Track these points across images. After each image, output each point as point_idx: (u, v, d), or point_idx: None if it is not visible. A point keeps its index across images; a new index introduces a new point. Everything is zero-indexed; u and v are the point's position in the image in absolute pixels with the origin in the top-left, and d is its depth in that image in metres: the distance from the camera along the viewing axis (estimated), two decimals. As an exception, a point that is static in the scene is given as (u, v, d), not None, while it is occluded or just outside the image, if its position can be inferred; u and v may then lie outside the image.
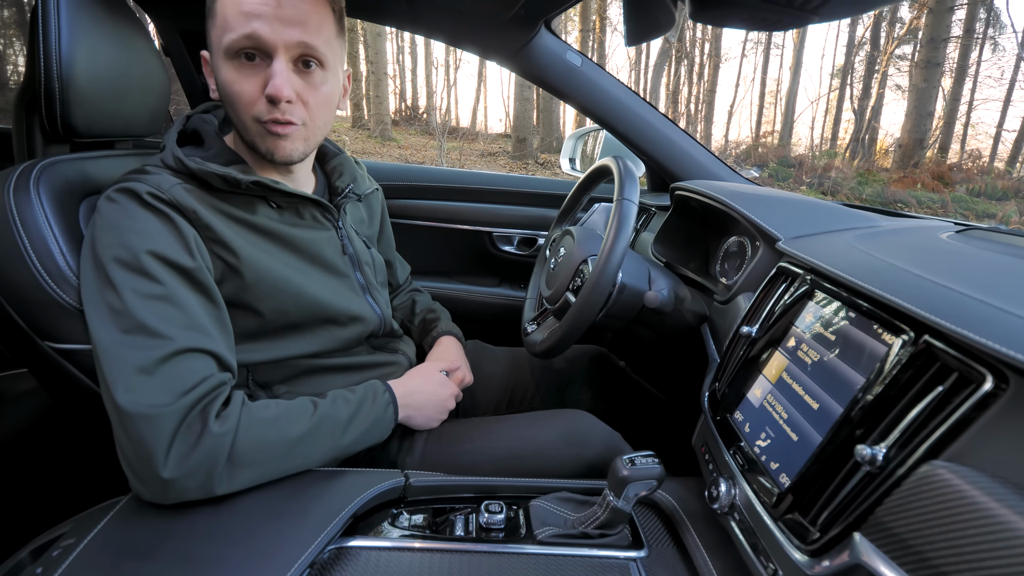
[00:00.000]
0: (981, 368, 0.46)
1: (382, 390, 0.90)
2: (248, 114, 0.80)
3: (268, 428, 0.75)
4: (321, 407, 0.81)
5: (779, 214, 0.98)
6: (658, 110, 1.55)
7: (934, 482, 0.44)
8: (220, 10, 0.76)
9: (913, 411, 0.50)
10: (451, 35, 1.48)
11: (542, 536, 0.74)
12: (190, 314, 0.73)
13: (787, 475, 0.62)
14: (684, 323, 1.09)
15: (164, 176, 0.79)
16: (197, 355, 0.72)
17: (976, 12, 13.01)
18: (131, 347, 0.68)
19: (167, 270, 0.73)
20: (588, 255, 1.07)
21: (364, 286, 1.01)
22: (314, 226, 0.93)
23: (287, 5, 0.75)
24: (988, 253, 0.71)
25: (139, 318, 0.69)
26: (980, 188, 9.17)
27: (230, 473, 0.70)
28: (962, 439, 0.46)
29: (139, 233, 0.73)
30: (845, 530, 0.51)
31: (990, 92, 16.24)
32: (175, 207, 0.76)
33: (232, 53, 0.76)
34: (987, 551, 0.39)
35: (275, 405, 0.78)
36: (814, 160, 12.84)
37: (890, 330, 0.58)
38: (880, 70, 14.88)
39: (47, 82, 0.83)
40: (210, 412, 0.70)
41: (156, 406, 0.66)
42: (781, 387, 0.71)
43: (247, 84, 0.78)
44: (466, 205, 1.93)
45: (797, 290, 0.77)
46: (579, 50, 1.45)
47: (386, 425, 0.89)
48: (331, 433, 0.81)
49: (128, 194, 0.75)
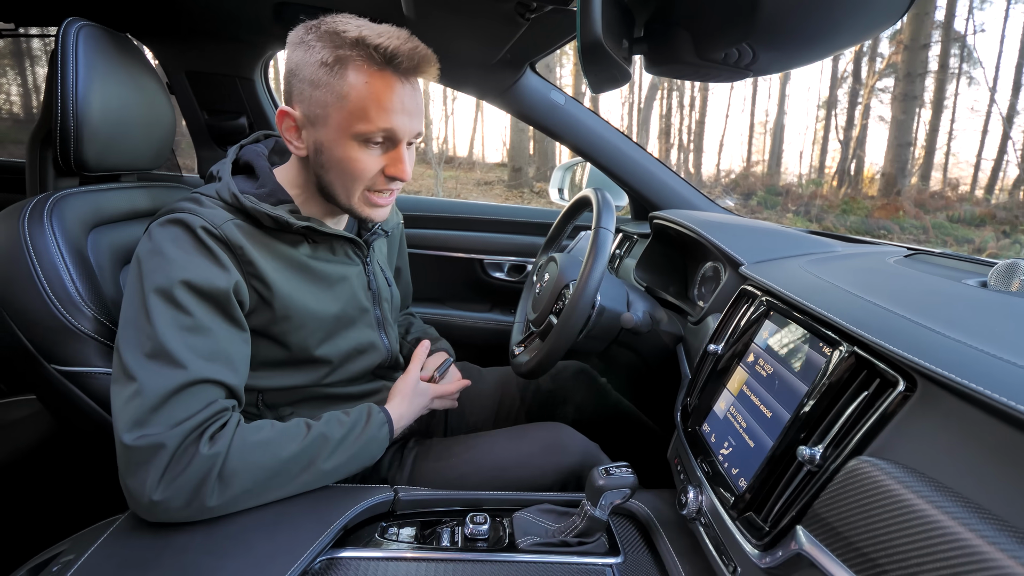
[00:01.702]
0: (895, 374, 0.53)
1: (377, 411, 0.92)
2: (363, 185, 0.87)
3: (260, 450, 0.77)
4: (314, 429, 0.83)
5: (744, 241, 1.06)
6: (638, 144, 1.64)
7: (858, 475, 0.50)
8: (355, 98, 0.80)
9: (844, 414, 0.57)
10: (447, 77, 1.59)
11: (524, 545, 0.79)
12: (214, 344, 0.77)
13: (744, 479, 0.68)
14: (661, 343, 1.15)
15: (218, 211, 0.83)
16: (209, 385, 0.75)
17: (949, 49, 13.45)
18: (148, 372, 0.71)
19: (200, 301, 0.77)
20: (570, 280, 1.14)
21: (380, 321, 1.06)
22: (345, 261, 0.97)
23: (410, 98, 0.83)
24: (924, 275, 0.78)
25: (163, 345, 0.72)
26: (959, 215, 9.38)
27: (220, 492, 0.73)
28: (881, 436, 0.52)
29: (182, 264, 0.76)
30: (789, 524, 0.57)
31: (969, 123, 16.62)
32: (224, 243, 0.81)
33: (363, 138, 0.83)
34: (899, 532, 0.44)
35: (269, 427, 0.80)
36: (801, 189, 13.08)
37: (829, 344, 0.65)
38: (863, 102, 15.25)
39: (63, 120, 0.91)
40: (204, 436, 0.72)
41: (159, 433, 0.69)
42: (742, 399, 0.77)
43: (371, 162, 0.85)
44: (458, 234, 2.01)
45: (756, 310, 0.84)
46: (574, 81, 1.55)
47: (380, 445, 0.91)
48: (322, 455, 0.82)
49: (182, 226, 0.79)
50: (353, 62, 0.79)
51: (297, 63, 0.82)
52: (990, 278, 0.73)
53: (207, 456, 0.71)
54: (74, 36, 0.92)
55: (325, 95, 0.81)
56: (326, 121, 0.83)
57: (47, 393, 0.89)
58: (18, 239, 0.84)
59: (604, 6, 0.56)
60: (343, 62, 0.79)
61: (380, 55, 0.79)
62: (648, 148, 1.64)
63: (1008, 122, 14.29)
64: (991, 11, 16.82)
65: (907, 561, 0.43)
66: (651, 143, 18.10)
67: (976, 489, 0.43)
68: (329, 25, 0.81)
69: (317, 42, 0.80)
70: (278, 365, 0.91)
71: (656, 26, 0.68)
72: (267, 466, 0.77)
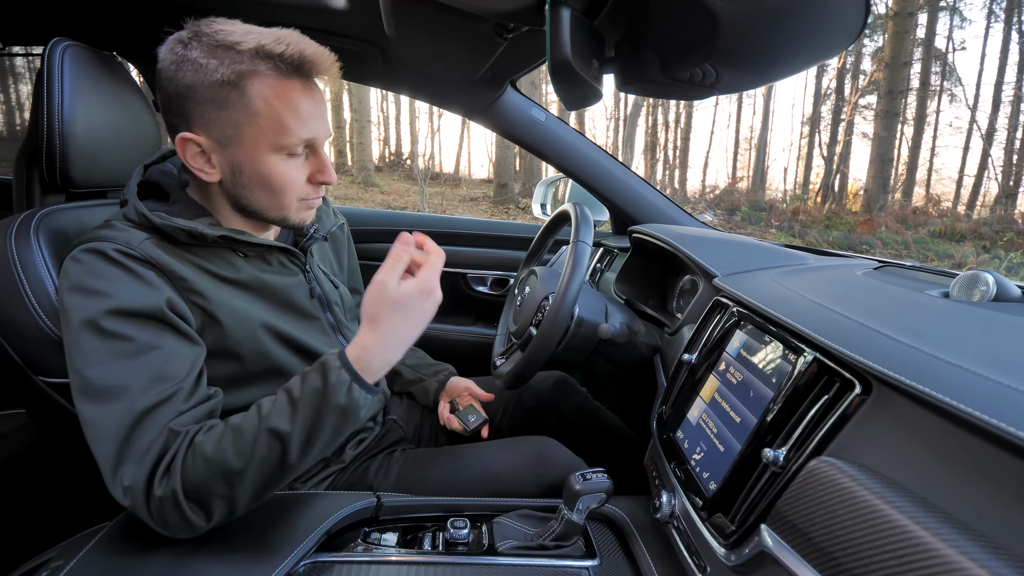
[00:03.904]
0: (852, 377, 0.56)
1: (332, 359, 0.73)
2: (294, 196, 0.85)
3: (212, 464, 0.69)
4: (263, 421, 0.71)
5: (719, 254, 1.09)
6: (619, 160, 1.68)
7: (817, 475, 0.53)
8: (269, 113, 0.77)
9: (807, 417, 0.59)
10: (430, 94, 1.62)
11: (503, 548, 0.81)
12: (161, 365, 0.73)
13: (714, 482, 0.71)
14: (638, 354, 1.18)
15: (132, 232, 0.78)
16: (159, 411, 0.71)
17: (930, 67, 13.79)
18: (100, 413, 0.69)
19: (135, 324, 0.73)
20: (549, 292, 1.16)
21: (335, 326, 1.04)
22: (282, 272, 0.94)
23: (320, 102, 0.82)
24: (889, 285, 0.81)
25: (109, 383, 0.70)
26: (940, 230, 9.54)
27: (205, 513, 0.70)
28: (840, 437, 0.55)
29: (105, 293, 0.72)
30: (754, 523, 0.60)
31: (951, 140, 17.00)
32: (146, 263, 0.76)
33: (285, 151, 0.81)
34: (854, 528, 0.47)
35: (220, 431, 0.72)
36: (785, 205, 13.26)
37: (795, 351, 0.67)
38: (846, 119, 15.54)
39: (49, 138, 0.92)
40: (156, 476, 0.68)
41: (130, 477, 0.68)
42: (713, 406, 0.80)
43: (298, 173, 0.84)
44: (442, 248, 2.03)
45: (728, 320, 0.87)
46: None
47: (347, 396, 0.72)
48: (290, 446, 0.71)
49: (94, 253, 0.74)
50: (258, 76, 0.76)
51: (188, 85, 0.76)
52: (952, 288, 0.75)
53: (164, 497, 0.68)
54: (60, 56, 0.94)
55: (234, 114, 0.77)
56: (240, 140, 0.79)
57: (35, 404, 0.90)
58: (5, 254, 0.85)
59: (573, 28, 0.59)
60: (246, 77, 0.75)
61: (286, 64, 0.76)
62: (633, 164, 1.69)
63: (988, 139, 14.62)
64: (971, 29, 17.25)
65: (861, 554, 0.45)
66: (636, 159, 18.29)
67: (923, 484, 0.46)
68: (213, 38, 0.75)
69: (208, 58, 0.75)
70: (236, 382, 0.87)
71: (625, 47, 0.71)
72: (230, 473, 0.69)
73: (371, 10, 1.09)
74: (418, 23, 1.12)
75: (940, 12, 14.25)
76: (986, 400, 0.43)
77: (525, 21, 0.81)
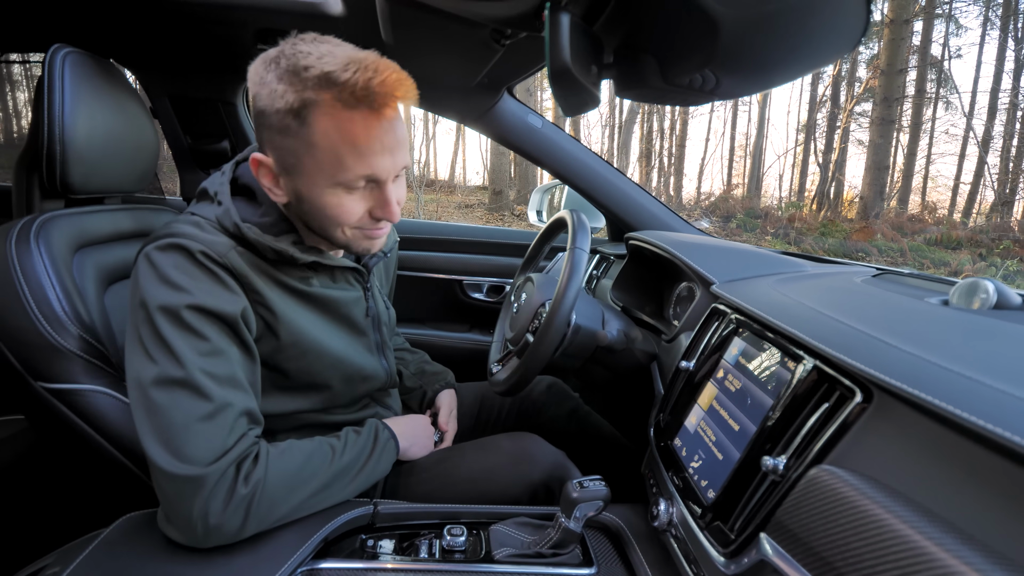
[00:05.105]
0: (852, 385, 0.55)
1: (383, 428, 0.96)
2: (349, 227, 0.83)
3: (291, 480, 0.78)
4: (339, 453, 0.86)
5: (716, 260, 1.09)
6: (615, 167, 1.68)
7: (818, 484, 0.52)
8: (327, 147, 0.74)
9: (807, 425, 0.59)
10: (426, 101, 1.63)
11: (500, 556, 0.80)
12: (231, 369, 0.76)
13: (713, 490, 0.70)
14: (635, 361, 1.17)
15: (219, 238, 0.79)
16: (234, 412, 0.74)
17: (926, 74, 13.88)
18: (172, 402, 0.70)
19: (212, 324, 0.75)
20: (546, 299, 1.16)
21: (379, 345, 1.04)
22: (345, 288, 0.95)
23: (389, 134, 0.76)
24: (888, 293, 0.81)
25: (183, 374, 0.71)
26: (936, 238, 9.58)
27: (258, 521, 0.74)
28: (840, 446, 0.54)
29: (188, 289, 0.74)
30: (754, 532, 0.59)
31: (946, 147, 17.11)
32: (229, 271, 0.78)
33: (344, 186, 0.78)
34: (855, 537, 0.46)
35: (298, 451, 0.81)
36: (780, 212, 13.30)
37: (794, 359, 0.67)
38: (841, 126, 15.61)
39: (49, 144, 0.92)
40: (240, 474, 0.73)
41: (195, 467, 0.69)
42: (711, 413, 0.79)
43: (356, 206, 0.80)
44: (438, 255, 2.03)
45: (726, 328, 0.86)
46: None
47: (388, 460, 0.94)
48: (347, 476, 0.86)
49: (180, 251, 0.75)
50: (320, 107, 0.72)
51: (263, 108, 0.76)
52: (952, 296, 0.75)
53: (244, 495, 0.72)
54: (60, 62, 0.94)
55: (295, 144, 0.75)
56: (300, 170, 0.77)
57: (33, 410, 0.90)
58: (5, 259, 0.85)
59: (572, 34, 0.59)
60: (308, 106, 0.72)
61: (349, 94, 0.71)
62: (628, 171, 1.69)
63: (984, 147, 14.70)
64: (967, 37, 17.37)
65: (862, 564, 0.44)
66: (631, 166, 18.33)
67: (925, 493, 0.45)
68: (289, 60, 0.73)
69: (279, 84, 0.73)
70: (277, 390, 0.90)
71: (624, 52, 0.71)
72: (296, 495, 0.78)
73: (368, 17, 1.09)
74: (415, 30, 1.12)
75: (936, 19, 14.36)
76: (989, 408, 0.43)
77: (523, 27, 0.81)
